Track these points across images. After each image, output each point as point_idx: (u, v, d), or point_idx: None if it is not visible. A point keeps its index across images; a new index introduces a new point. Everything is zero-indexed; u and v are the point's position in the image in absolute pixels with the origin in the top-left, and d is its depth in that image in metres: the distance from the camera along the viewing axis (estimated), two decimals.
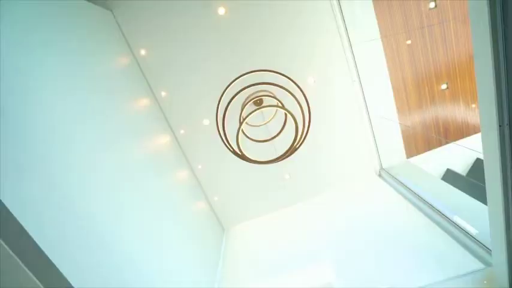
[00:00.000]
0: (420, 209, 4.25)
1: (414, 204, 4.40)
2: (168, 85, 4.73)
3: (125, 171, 3.06)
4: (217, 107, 3.29)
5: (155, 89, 4.70)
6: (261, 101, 4.09)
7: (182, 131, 5.00)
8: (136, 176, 3.27)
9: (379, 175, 5.56)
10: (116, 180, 2.81)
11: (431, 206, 4.04)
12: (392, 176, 5.11)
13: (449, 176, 5.58)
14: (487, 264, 3.04)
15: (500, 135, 2.08)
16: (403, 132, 5.54)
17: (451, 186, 4.40)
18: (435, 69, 5.23)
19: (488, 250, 3.05)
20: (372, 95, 5.08)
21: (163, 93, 4.75)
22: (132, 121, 3.75)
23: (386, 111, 5.23)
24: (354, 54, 4.82)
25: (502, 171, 2.20)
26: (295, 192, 5.65)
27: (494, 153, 2.19)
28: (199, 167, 5.29)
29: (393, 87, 5.20)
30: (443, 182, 4.90)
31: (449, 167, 5.71)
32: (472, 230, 3.37)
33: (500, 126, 2.05)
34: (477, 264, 3.14)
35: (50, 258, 1.60)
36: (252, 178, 5.41)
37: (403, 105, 5.36)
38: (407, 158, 5.57)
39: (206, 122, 4.94)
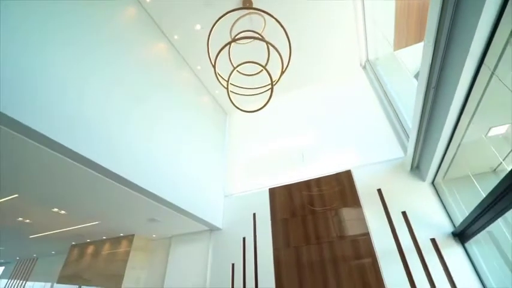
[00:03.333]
0: (383, 104, 5.25)
1: (380, 99, 5.34)
2: None
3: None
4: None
5: None
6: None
7: (176, 37, 5.18)
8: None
9: (364, 67, 6.06)
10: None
11: (391, 104, 4.99)
12: (373, 70, 5.67)
13: None
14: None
15: None
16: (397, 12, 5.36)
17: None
18: None
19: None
20: None
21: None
22: None
23: None
24: None
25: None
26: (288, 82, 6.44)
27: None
28: (199, 67, 5.84)
29: None
30: (414, 79, 5.52)
31: None
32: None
33: None
34: (401, 154, 4.57)
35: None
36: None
37: None
38: (395, 50, 5.82)
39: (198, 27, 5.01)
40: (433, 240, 3.85)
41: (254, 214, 5.24)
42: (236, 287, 4.62)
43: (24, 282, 7.75)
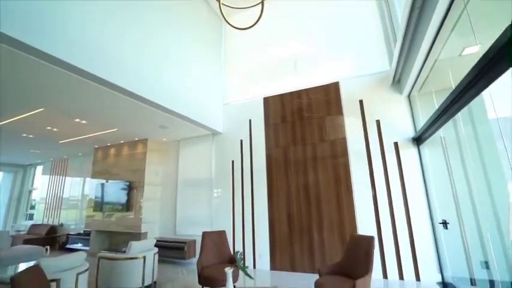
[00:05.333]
0: (381, 10, 5.11)
1: (380, 5, 5.14)
2: None
3: None
4: None
5: None
6: None
7: None
8: None
9: None
10: None
11: (388, 9, 4.87)
12: None
13: None
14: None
15: None
16: None
17: None
18: None
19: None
20: None
21: None
22: None
23: None
24: None
25: None
26: None
27: None
28: None
29: None
30: None
31: None
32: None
33: None
34: (387, 67, 4.85)
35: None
36: None
37: None
38: None
39: None
40: (396, 144, 4.70)
41: (250, 120, 6.00)
42: (235, 178, 5.85)
43: (63, 177, 9.41)
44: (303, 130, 5.43)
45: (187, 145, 6.79)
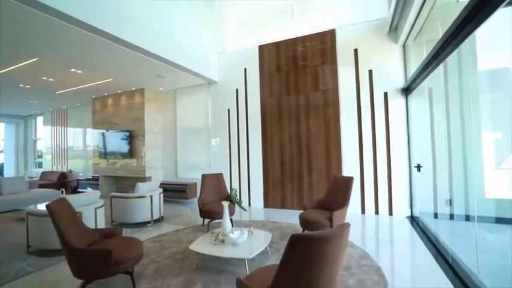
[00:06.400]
0: None
1: None
2: None
3: None
4: None
5: None
6: None
7: None
8: None
9: None
10: None
11: None
12: None
13: None
14: None
15: None
16: None
17: None
18: None
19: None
20: None
21: None
22: None
23: None
24: None
25: None
26: None
27: None
28: None
29: None
30: None
31: None
32: None
33: None
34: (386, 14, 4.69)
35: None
36: None
37: None
38: None
39: None
40: (385, 94, 4.87)
41: (245, 69, 6.03)
42: (231, 127, 6.14)
43: (65, 128, 9.65)
44: (297, 79, 5.51)
45: (184, 94, 6.90)
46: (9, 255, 3.35)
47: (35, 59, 4.44)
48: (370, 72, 4.87)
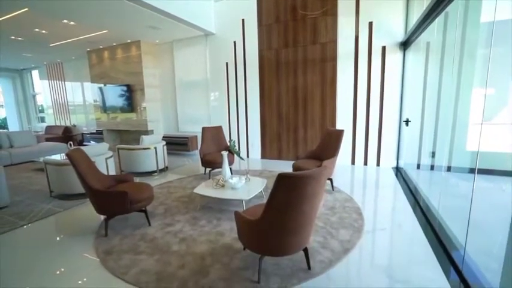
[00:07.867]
0: None
1: None
2: None
3: None
4: None
5: None
6: None
7: None
8: None
9: None
10: None
11: None
12: None
13: None
14: None
15: None
16: None
17: None
18: None
19: None
20: None
21: None
22: None
23: None
24: None
25: None
26: None
27: None
28: None
29: None
30: None
31: None
32: None
33: None
34: None
35: None
36: None
37: None
38: None
39: None
40: (383, 48, 4.85)
41: (243, 20, 5.82)
42: (230, 80, 6.19)
43: (63, 82, 9.55)
44: (296, 31, 5.38)
45: (181, 47, 6.75)
46: (36, 199, 3.79)
47: (25, 9, 4.30)
48: (370, 24, 4.75)
